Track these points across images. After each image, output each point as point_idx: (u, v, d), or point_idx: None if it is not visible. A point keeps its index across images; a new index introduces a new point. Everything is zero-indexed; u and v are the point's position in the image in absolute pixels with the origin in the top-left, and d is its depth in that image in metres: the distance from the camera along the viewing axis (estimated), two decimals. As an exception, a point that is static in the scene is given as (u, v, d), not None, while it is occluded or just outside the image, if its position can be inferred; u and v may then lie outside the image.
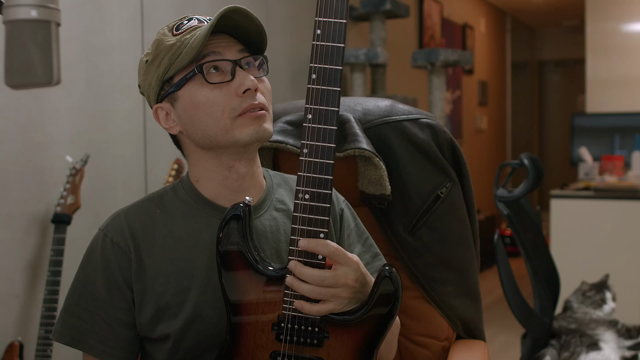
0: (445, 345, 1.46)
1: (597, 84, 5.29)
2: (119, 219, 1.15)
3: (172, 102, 1.12)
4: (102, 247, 1.13)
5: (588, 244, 3.76)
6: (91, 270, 1.13)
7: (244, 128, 1.08)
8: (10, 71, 0.85)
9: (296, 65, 3.50)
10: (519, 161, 2.68)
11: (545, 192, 5.45)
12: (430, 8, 5.41)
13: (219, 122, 1.08)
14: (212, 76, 1.08)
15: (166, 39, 1.10)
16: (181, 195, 1.16)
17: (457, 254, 1.47)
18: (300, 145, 1.01)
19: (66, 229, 2.04)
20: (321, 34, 1.00)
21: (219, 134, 1.09)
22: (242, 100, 1.08)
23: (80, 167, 2.11)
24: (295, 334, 1.03)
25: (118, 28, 2.42)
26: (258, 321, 1.04)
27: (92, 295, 1.12)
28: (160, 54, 1.10)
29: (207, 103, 1.08)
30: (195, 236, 1.12)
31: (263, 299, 1.04)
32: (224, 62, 1.08)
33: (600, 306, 2.77)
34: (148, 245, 1.12)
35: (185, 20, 1.13)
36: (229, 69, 1.08)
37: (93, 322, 1.11)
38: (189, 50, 1.07)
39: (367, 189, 1.39)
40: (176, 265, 1.11)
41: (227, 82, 1.08)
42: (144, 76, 1.14)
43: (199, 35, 1.07)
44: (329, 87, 1.00)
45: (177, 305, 1.09)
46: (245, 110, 1.08)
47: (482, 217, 5.94)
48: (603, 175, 4.14)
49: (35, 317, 2.07)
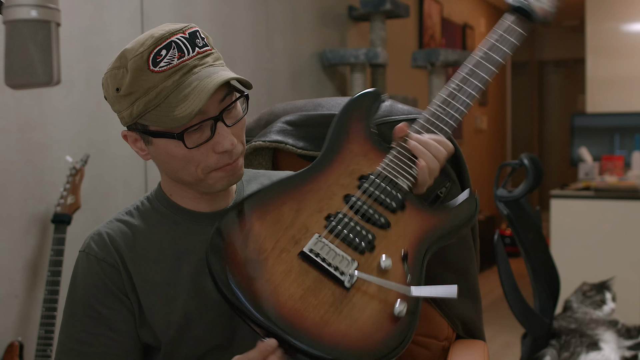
0: (445, 345, 1.46)
1: (597, 84, 5.29)
2: (99, 235, 1.12)
3: (145, 140, 1.08)
4: (88, 267, 1.10)
5: (588, 244, 3.76)
6: (83, 292, 1.10)
7: (218, 180, 1.08)
8: (10, 71, 0.85)
9: (296, 65, 3.50)
10: (519, 161, 2.68)
11: (545, 192, 5.44)
12: (430, 8, 5.41)
13: (192, 174, 1.07)
14: (190, 136, 1.03)
15: (142, 75, 1.00)
16: (157, 207, 1.15)
17: (457, 254, 1.47)
18: (299, 145, 1.02)
19: (66, 229, 2.04)
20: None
21: (191, 181, 1.08)
22: (219, 158, 1.05)
23: (80, 167, 2.11)
24: (377, 189, 1.12)
25: (118, 28, 2.42)
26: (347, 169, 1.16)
27: (91, 317, 1.09)
28: (135, 93, 1.02)
29: (184, 159, 1.05)
30: (176, 245, 1.11)
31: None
32: (205, 122, 1.03)
33: (600, 307, 2.77)
34: (131, 258, 1.10)
35: (163, 50, 1.01)
36: (209, 126, 1.04)
37: (98, 343, 1.08)
38: (169, 119, 1.00)
39: (367, 189, 1.39)
40: (161, 276, 1.10)
41: (205, 142, 1.04)
42: (112, 101, 1.07)
43: (187, 108, 0.99)
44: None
45: (167, 314, 1.08)
46: (220, 167, 1.07)
47: (482, 217, 5.94)
48: (603, 175, 4.14)
49: (35, 317, 2.07)
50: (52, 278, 1.98)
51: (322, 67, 3.72)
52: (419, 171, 1.15)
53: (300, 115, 1.48)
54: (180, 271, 1.10)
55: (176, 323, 1.08)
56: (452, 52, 3.87)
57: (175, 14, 2.67)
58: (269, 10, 3.29)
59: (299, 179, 1.14)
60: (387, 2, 3.71)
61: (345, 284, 1.01)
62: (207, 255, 1.00)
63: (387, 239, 1.09)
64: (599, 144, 4.77)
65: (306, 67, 3.60)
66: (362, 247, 1.06)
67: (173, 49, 1.01)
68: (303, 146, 1.43)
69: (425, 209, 1.15)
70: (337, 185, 1.13)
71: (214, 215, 1.14)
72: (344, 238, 1.06)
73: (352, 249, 1.05)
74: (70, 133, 2.23)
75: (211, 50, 1.07)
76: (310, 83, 3.61)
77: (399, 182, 1.13)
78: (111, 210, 2.29)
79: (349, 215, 1.08)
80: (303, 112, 1.49)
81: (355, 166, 1.16)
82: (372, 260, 1.05)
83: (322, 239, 1.04)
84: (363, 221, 1.09)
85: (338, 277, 1.01)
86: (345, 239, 1.06)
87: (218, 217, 1.13)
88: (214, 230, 1.03)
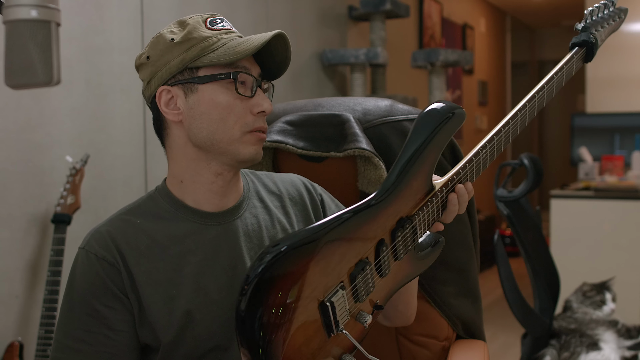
0: (445, 345, 1.46)
1: (597, 84, 5.29)
2: (100, 233, 1.11)
3: (187, 91, 1.09)
4: (88, 264, 1.09)
5: (588, 244, 3.76)
6: (81, 290, 1.09)
7: (248, 145, 1.10)
8: (10, 71, 0.85)
9: (296, 65, 3.50)
10: (519, 161, 2.68)
11: (545, 192, 5.44)
12: (430, 8, 5.41)
13: (228, 130, 1.08)
14: (239, 86, 1.09)
15: (200, 28, 1.09)
16: (160, 204, 1.14)
17: (457, 254, 1.47)
18: (299, 145, 1.01)
19: (66, 229, 2.04)
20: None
21: (224, 140, 1.08)
22: (255, 119, 1.10)
23: (80, 167, 2.11)
24: (403, 241, 1.09)
25: (118, 28, 2.42)
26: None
27: (89, 315, 1.08)
28: (192, 40, 1.08)
29: (227, 109, 1.08)
30: (180, 244, 1.11)
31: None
32: (251, 78, 1.10)
33: (600, 307, 2.77)
34: (133, 256, 1.09)
35: (218, 19, 1.13)
36: (250, 86, 1.10)
37: (96, 342, 1.08)
38: (230, 53, 1.07)
39: (367, 189, 1.39)
40: (163, 274, 1.09)
41: (247, 97, 1.09)
42: (161, 53, 1.10)
43: (249, 44, 1.07)
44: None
45: (169, 313, 1.08)
46: (255, 129, 1.10)
47: (482, 217, 5.94)
48: (603, 175, 4.14)
49: (35, 317, 2.07)
50: (52, 278, 1.98)
51: (322, 67, 3.72)
52: (441, 222, 1.16)
53: (300, 115, 1.48)
54: (182, 270, 1.10)
55: (177, 322, 1.08)
56: (452, 52, 3.87)
57: (176, 14, 2.67)
58: (269, 10, 3.29)
59: (361, 218, 1.03)
60: (387, 2, 3.71)
61: (331, 333, 0.99)
62: (253, 283, 0.92)
63: (377, 288, 1.06)
64: (599, 144, 4.77)
65: (306, 67, 3.60)
66: (361, 299, 1.04)
67: (225, 22, 1.13)
68: (303, 146, 1.43)
69: (405, 258, 1.11)
70: (380, 228, 1.06)
71: (219, 215, 1.13)
72: (355, 292, 1.03)
73: (354, 300, 1.03)
74: (70, 133, 2.23)
75: None
76: (310, 83, 3.61)
77: (418, 235, 1.11)
78: (111, 211, 2.28)
79: (371, 268, 1.04)
80: (303, 112, 1.49)
81: (402, 207, 1.08)
82: (357, 309, 1.04)
83: (343, 293, 1.00)
84: (376, 272, 1.06)
85: (332, 330, 0.99)
86: (355, 293, 1.03)
87: (222, 216, 1.12)
88: (273, 260, 0.93)
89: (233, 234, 1.13)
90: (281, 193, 1.23)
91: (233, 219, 1.14)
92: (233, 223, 1.14)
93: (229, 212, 1.14)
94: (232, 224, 1.14)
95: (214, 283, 1.10)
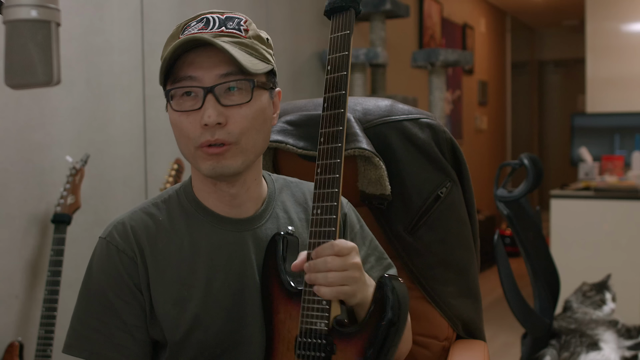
0: (445, 345, 1.46)
1: (597, 84, 5.29)
2: (122, 225, 1.10)
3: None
4: (107, 255, 1.09)
5: (588, 244, 3.76)
6: (99, 280, 1.09)
7: (202, 161, 1.05)
8: (10, 71, 0.85)
9: (296, 65, 3.50)
10: (519, 161, 2.68)
11: (545, 192, 5.44)
12: (430, 8, 5.41)
13: (184, 148, 1.07)
14: (183, 100, 1.04)
15: (170, 41, 1.06)
16: (183, 202, 1.13)
17: (457, 254, 1.47)
18: (299, 145, 1.01)
19: (66, 229, 2.04)
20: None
21: (187, 156, 1.08)
22: (201, 133, 1.03)
23: (80, 167, 2.11)
24: (308, 347, 1.03)
25: (118, 28, 2.42)
26: (284, 338, 1.06)
27: (104, 306, 1.08)
28: (164, 49, 1.07)
29: (175, 126, 1.06)
30: (196, 246, 1.10)
31: (289, 316, 1.06)
32: (196, 88, 1.02)
33: (600, 307, 2.77)
34: (151, 252, 1.09)
35: (194, 22, 1.05)
36: (201, 95, 1.02)
37: (109, 333, 1.07)
38: (159, 72, 1.04)
39: (367, 189, 1.39)
40: (177, 274, 1.09)
41: (196, 110, 1.02)
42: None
43: (165, 60, 1.02)
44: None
45: (178, 315, 1.08)
46: (202, 144, 1.03)
47: (482, 217, 5.94)
48: (603, 175, 4.14)
49: (35, 317, 2.07)
50: (52, 278, 1.98)
51: (322, 67, 3.72)
52: (324, 298, 1.01)
53: (300, 115, 1.48)
54: (196, 273, 1.09)
55: (185, 325, 1.08)
56: (452, 52, 3.87)
57: (176, 14, 2.67)
58: (269, 10, 3.29)
59: None
60: (387, 2, 3.71)
61: None
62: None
63: None
64: (599, 144, 4.77)
65: (306, 67, 3.60)
66: None
67: (201, 22, 1.04)
68: (303, 146, 1.43)
69: (350, 336, 1.02)
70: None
71: (238, 222, 1.12)
72: None
73: None
74: (70, 133, 2.23)
75: (241, 37, 1.05)
76: (310, 83, 3.61)
77: (318, 328, 1.02)
78: (111, 210, 2.29)
79: None
80: (303, 111, 1.49)
81: (288, 335, 1.06)
82: None
83: None
84: None
85: None
86: None
87: (242, 224, 1.11)
88: None
89: (249, 244, 1.12)
90: (307, 205, 1.20)
91: (253, 227, 1.13)
92: (252, 232, 1.12)
93: (248, 221, 1.13)
94: (251, 232, 1.12)
95: (225, 290, 1.09)
